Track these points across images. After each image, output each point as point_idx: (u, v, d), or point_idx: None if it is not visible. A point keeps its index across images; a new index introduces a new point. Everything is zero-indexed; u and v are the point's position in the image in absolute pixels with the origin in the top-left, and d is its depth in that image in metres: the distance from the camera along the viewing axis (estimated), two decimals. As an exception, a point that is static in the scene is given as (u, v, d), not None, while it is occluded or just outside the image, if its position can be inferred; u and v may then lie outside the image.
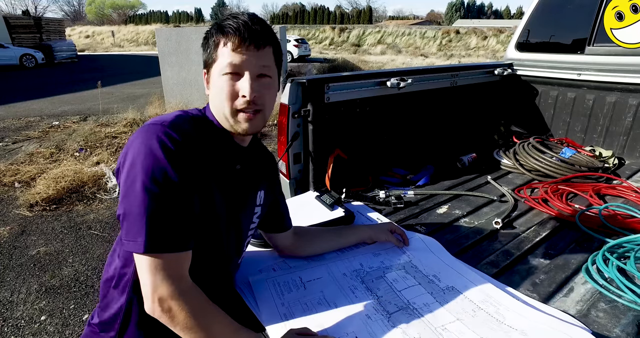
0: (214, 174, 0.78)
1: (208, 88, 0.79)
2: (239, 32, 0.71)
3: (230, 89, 0.73)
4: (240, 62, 0.72)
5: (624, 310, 0.93)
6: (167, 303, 0.68)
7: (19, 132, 5.78)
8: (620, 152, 2.05)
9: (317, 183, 1.65)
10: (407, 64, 17.95)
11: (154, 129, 0.68)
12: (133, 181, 0.66)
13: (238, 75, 0.73)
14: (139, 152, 0.67)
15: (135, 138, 0.69)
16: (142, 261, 0.68)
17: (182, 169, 0.68)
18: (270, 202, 0.99)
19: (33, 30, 17.20)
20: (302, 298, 0.93)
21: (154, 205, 0.66)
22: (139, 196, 0.65)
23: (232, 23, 0.72)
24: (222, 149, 0.80)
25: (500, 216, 1.40)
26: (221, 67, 0.73)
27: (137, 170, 0.66)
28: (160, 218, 0.66)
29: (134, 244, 0.66)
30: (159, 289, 0.68)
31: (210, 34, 0.75)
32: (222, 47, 0.73)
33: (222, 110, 0.75)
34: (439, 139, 2.19)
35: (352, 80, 1.67)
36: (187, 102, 6.97)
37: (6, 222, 3.14)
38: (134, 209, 0.66)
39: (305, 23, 62.65)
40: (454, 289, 0.97)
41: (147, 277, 0.68)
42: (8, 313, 2.13)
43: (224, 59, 0.72)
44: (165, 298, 0.68)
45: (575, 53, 2.13)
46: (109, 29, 34.19)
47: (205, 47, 0.77)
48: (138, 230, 0.66)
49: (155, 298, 0.68)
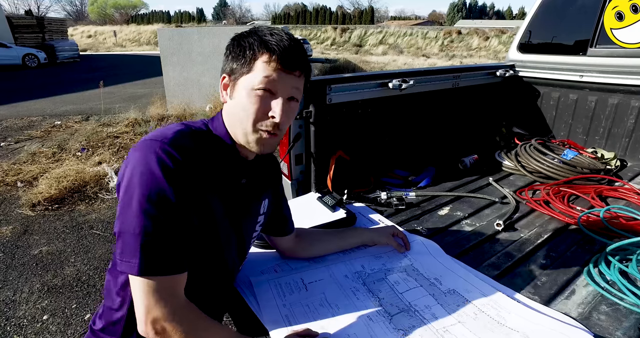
0: (218, 189, 0.76)
1: (230, 97, 0.75)
2: (285, 53, 0.69)
3: (259, 106, 0.70)
4: (278, 82, 0.70)
5: (626, 313, 0.93)
6: (159, 325, 0.66)
7: (22, 131, 5.80)
8: (622, 154, 2.05)
9: (318, 185, 1.65)
10: (409, 64, 17.94)
11: (154, 146, 0.66)
12: (130, 199, 0.64)
13: (270, 94, 0.71)
14: (137, 169, 0.65)
15: (135, 153, 0.67)
16: (135, 282, 0.66)
17: (181, 188, 0.67)
18: (273, 207, 0.99)
19: (36, 30, 17.23)
20: (303, 300, 0.93)
21: (150, 226, 0.64)
22: (134, 216, 0.64)
23: (277, 41, 0.69)
24: (228, 164, 0.78)
25: (501, 218, 1.40)
26: (255, 82, 0.70)
27: (134, 188, 0.64)
28: (156, 240, 0.65)
29: (128, 265, 0.64)
30: (152, 311, 0.66)
31: (248, 44, 0.71)
32: (262, 62, 0.69)
33: (243, 124, 0.72)
34: (440, 141, 2.19)
35: (354, 81, 1.67)
36: (189, 102, 6.98)
37: (9, 222, 3.15)
38: (129, 229, 0.64)
39: (307, 23, 62.68)
40: (455, 292, 0.97)
41: (140, 299, 0.66)
42: (11, 312, 2.14)
43: (261, 73, 0.69)
44: (158, 319, 0.66)
45: (578, 54, 2.13)
46: (111, 28, 34.28)
47: (237, 53, 0.72)
48: (132, 251, 0.64)
49: (149, 321, 0.66)
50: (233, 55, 0.73)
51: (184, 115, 6.56)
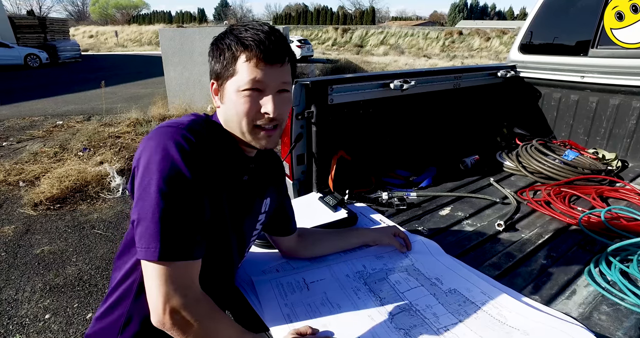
0: (223, 183, 0.77)
1: (221, 101, 0.75)
2: (262, 48, 0.68)
3: (250, 105, 0.70)
4: (263, 79, 0.69)
5: (627, 313, 0.93)
6: (179, 315, 0.65)
7: (24, 131, 5.82)
8: (623, 155, 2.05)
9: (320, 185, 1.66)
10: (410, 64, 17.93)
11: (170, 131, 0.66)
12: (148, 184, 0.64)
13: (259, 92, 0.70)
14: (155, 154, 0.64)
15: (150, 140, 0.66)
16: (153, 269, 0.65)
17: (197, 170, 0.66)
18: (276, 207, 1.00)
19: (37, 30, 17.28)
20: (305, 299, 0.94)
21: (169, 211, 0.63)
22: (154, 201, 0.63)
23: (253, 36, 0.68)
24: (231, 159, 0.79)
25: (502, 218, 1.40)
26: (241, 83, 0.69)
27: (153, 173, 0.64)
28: (175, 225, 0.64)
29: (147, 251, 0.63)
30: (172, 300, 0.64)
31: (226, 45, 0.70)
32: (242, 62, 0.69)
33: (240, 126, 0.73)
34: (441, 141, 2.19)
35: (356, 82, 1.68)
36: (190, 102, 7.00)
37: (11, 221, 3.16)
38: (148, 214, 0.63)
39: (308, 24, 62.70)
40: (456, 291, 0.97)
41: (158, 287, 0.64)
42: (13, 311, 2.15)
43: (244, 74, 0.69)
44: (178, 309, 0.65)
45: (579, 55, 2.13)
46: (112, 29, 34.34)
47: (217, 57, 0.72)
48: (152, 236, 0.63)
49: (167, 310, 0.64)
50: (215, 59, 0.73)
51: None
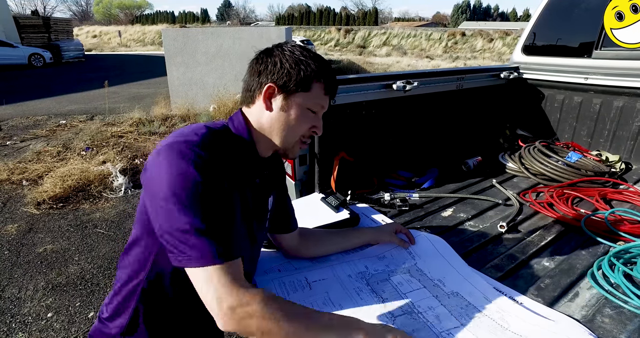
0: (239, 187, 0.79)
1: (279, 108, 0.80)
2: (333, 83, 0.85)
3: (309, 122, 0.84)
4: (324, 107, 0.86)
5: (630, 316, 0.92)
6: (241, 312, 0.65)
7: (27, 130, 5.85)
8: (627, 157, 2.04)
9: (322, 185, 1.65)
10: (413, 65, 17.91)
11: (179, 147, 0.68)
12: (170, 202, 0.65)
13: (314, 113, 0.84)
14: (170, 171, 0.66)
15: (160, 157, 0.68)
16: (199, 275, 0.66)
17: (215, 180, 0.69)
18: (277, 203, 1.01)
19: (42, 30, 17.39)
20: (307, 298, 0.94)
21: (200, 219, 0.65)
22: (181, 214, 0.65)
23: (330, 70, 0.83)
24: (245, 163, 0.81)
25: (505, 220, 1.40)
26: (311, 104, 0.82)
27: (173, 188, 0.65)
28: (211, 229, 0.66)
29: (188, 259, 0.65)
30: (231, 299, 0.65)
31: (310, 69, 0.80)
32: (318, 88, 0.82)
33: (291, 135, 0.83)
34: (444, 142, 2.19)
35: (358, 82, 1.68)
36: (193, 102, 7.01)
37: (14, 220, 3.18)
38: (179, 226, 0.65)
39: (310, 24, 62.75)
40: (458, 295, 0.97)
41: (209, 291, 0.66)
42: (16, 310, 2.16)
43: (317, 98, 0.83)
44: (238, 306, 0.65)
45: (583, 57, 2.12)
46: (115, 28, 34.48)
47: (294, 72, 0.79)
48: (189, 245, 0.65)
49: (228, 310, 0.65)
50: (288, 72, 0.79)
51: (187, 115, 6.59)
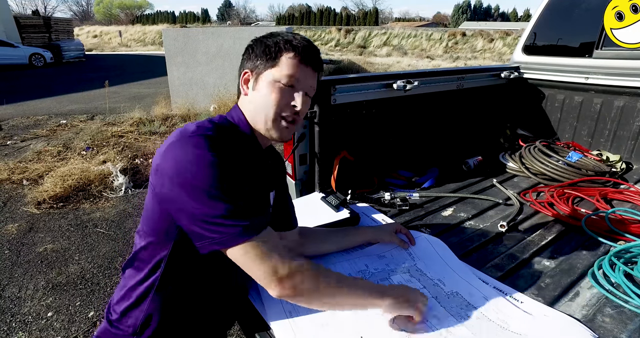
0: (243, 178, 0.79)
1: (252, 89, 0.81)
2: (305, 51, 0.79)
3: (281, 96, 0.78)
4: (299, 77, 0.79)
5: (631, 315, 0.92)
6: (292, 279, 0.69)
7: (28, 130, 5.85)
8: (628, 157, 2.03)
9: (322, 185, 1.65)
10: (413, 65, 17.90)
11: (191, 140, 0.70)
12: (197, 190, 0.67)
13: (291, 88, 0.79)
14: (190, 161, 0.68)
15: (176, 150, 0.70)
16: (245, 250, 0.69)
17: (232, 164, 0.71)
18: (277, 201, 1.01)
19: (42, 30, 17.39)
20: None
21: (228, 197, 0.68)
22: (205, 198, 0.67)
23: (300, 41, 0.79)
24: (248, 154, 0.82)
25: (505, 219, 1.40)
26: (279, 76, 0.78)
27: (192, 176, 0.67)
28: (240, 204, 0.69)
29: (221, 239, 0.67)
30: (282, 268, 0.68)
31: (273, 42, 0.79)
32: (286, 59, 0.78)
33: (265, 114, 0.79)
34: (444, 142, 2.18)
35: (359, 82, 1.67)
36: (193, 101, 7.01)
37: (14, 219, 3.18)
38: (207, 210, 0.67)
39: (311, 24, 62.76)
40: (458, 294, 0.97)
41: (260, 262, 0.68)
42: (16, 309, 2.16)
43: (285, 69, 0.78)
44: (289, 274, 0.69)
45: (583, 56, 2.12)
46: (116, 28, 34.49)
47: (261, 52, 0.80)
48: (229, 222, 0.67)
49: (280, 279, 0.68)
50: (257, 53, 0.81)
51: (188, 115, 6.59)
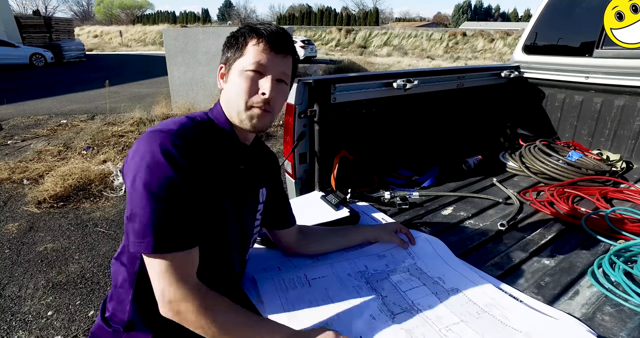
0: (220, 174, 0.80)
1: (224, 81, 0.82)
2: (271, 36, 0.77)
3: (250, 84, 0.77)
4: (266, 63, 0.77)
5: (630, 314, 0.92)
6: (176, 306, 0.70)
7: (28, 130, 5.85)
8: (628, 156, 2.03)
9: (322, 184, 1.65)
10: (413, 65, 17.90)
11: (156, 136, 0.71)
12: (136, 184, 0.69)
13: (260, 75, 0.77)
14: (142, 156, 0.69)
15: (139, 144, 0.72)
16: (150, 263, 0.71)
17: (184, 171, 0.70)
18: (272, 199, 1.01)
19: (43, 30, 17.40)
20: (306, 295, 0.94)
21: (157, 206, 0.68)
22: (142, 198, 0.68)
23: (265, 28, 0.78)
24: (227, 150, 0.82)
25: (505, 218, 1.40)
26: (246, 64, 0.77)
27: (140, 173, 0.68)
28: (164, 218, 0.69)
29: (140, 245, 0.68)
30: (169, 292, 0.70)
31: (240, 34, 0.79)
32: (251, 46, 0.77)
33: (237, 104, 0.78)
34: (444, 141, 2.18)
35: (359, 81, 1.67)
36: (194, 101, 7.01)
37: (15, 219, 3.18)
38: (138, 211, 0.68)
39: (311, 24, 62.74)
40: (458, 291, 0.97)
41: (157, 280, 0.70)
42: (16, 308, 2.16)
43: (251, 57, 0.77)
44: (174, 301, 0.70)
45: (584, 56, 2.12)
46: (116, 28, 34.52)
47: (231, 44, 0.80)
48: (144, 231, 0.68)
49: (166, 302, 0.70)
50: (228, 46, 0.81)
51: (188, 115, 6.59)
